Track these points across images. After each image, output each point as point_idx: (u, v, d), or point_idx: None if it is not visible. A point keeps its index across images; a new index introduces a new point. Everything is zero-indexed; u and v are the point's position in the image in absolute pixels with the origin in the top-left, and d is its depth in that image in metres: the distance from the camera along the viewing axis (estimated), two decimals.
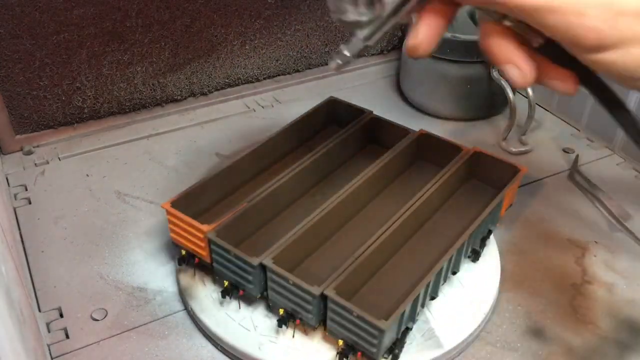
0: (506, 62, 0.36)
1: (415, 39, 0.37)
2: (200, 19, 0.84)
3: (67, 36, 0.76)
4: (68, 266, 0.62)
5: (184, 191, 0.58)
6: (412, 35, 0.37)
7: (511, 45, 0.36)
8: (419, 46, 0.37)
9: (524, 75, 0.36)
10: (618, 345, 0.55)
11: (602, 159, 0.79)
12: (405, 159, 0.67)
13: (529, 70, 0.36)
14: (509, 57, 0.36)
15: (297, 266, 0.55)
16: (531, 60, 0.36)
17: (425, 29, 0.36)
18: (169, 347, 0.54)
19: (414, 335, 0.53)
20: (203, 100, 0.91)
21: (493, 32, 0.36)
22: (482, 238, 0.60)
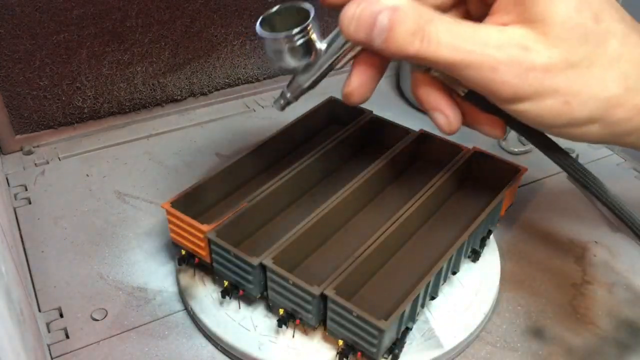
0: (433, 109, 0.39)
1: (348, 87, 0.39)
2: (200, 19, 0.84)
3: (67, 36, 0.77)
4: (68, 266, 0.62)
5: (184, 191, 0.58)
6: (346, 83, 0.39)
7: (438, 94, 0.38)
8: (352, 93, 0.39)
9: (449, 122, 0.39)
10: (618, 345, 0.55)
11: (602, 159, 0.79)
12: (405, 159, 0.67)
13: (454, 117, 0.39)
14: (435, 104, 0.39)
15: (297, 266, 0.55)
16: (457, 108, 0.39)
17: (357, 78, 0.39)
18: (169, 347, 0.54)
19: (414, 335, 0.53)
20: (203, 100, 0.91)
21: (421, 81, 0.38)
22: (482, 238, 0.60)
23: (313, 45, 0.40)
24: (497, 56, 0.33)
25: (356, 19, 0.33)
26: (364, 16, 0.33)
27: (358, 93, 0.39)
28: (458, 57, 0.33)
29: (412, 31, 0.32)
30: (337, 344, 0.50)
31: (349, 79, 0.39)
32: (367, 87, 0.39)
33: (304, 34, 0.39)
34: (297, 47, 0.40)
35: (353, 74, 0.39)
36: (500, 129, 0.41)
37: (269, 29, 0.41)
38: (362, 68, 0.38)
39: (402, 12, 0.32)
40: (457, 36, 0.33)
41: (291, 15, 0.41)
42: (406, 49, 0.33)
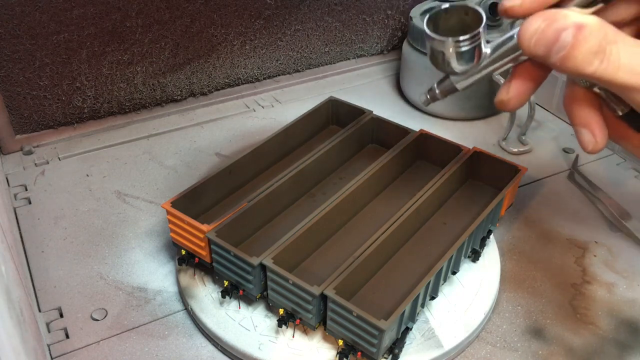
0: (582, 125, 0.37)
1: (506, 95, 0.38)
2: (200, 19, 0.84)
3: (67, 36, 0.77)
4: (68, 266, 0.62)
5: (184, 191, 0.58)
6: (503, 91, 0.38)
7: (592, 112, 0.37)
8: (509, 102, 0.38)
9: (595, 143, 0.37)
10: (618, 345, 0.55)
11: (602, 159, 0.79)
12: (405, 159, 0.67)
13: (601, 139, 0.37)
14: (586, 121, 0.37)
15: (297, 266, 0.55)
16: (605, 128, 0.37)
17: (517, 87, 0.38)
18: (169, 347, 0.54)
19: (414, 335, 0.53)
20: (203, 100, 0.91)
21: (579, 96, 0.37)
22: (482, 238, 0.60)
23: (480, 51, 0.38)
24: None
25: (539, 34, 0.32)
26: (547, 31, 0.32)
27: (515, 102, 0.38)
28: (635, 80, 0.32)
29: (594, 51, 0.31)
30: (337, 344, 0.50)
31: (507, 86, 0.38)
32: (525, 97, 0.38)
33: (474, 40, 0.38)
34: (464, 52, 0.38)
35: (513, 82, 0.38)
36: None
37: (432, 28, 0.39)
38: (522, 78, 0.37)
39: (588, 31, 0.31)
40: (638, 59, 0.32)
41: (457, 16, 0.40)
42: (583, 68, 0.32)
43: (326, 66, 0.99)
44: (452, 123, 0.86)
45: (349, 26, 0.97)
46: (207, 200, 0.61)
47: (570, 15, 0.32)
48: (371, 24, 0.99)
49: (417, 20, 0.85)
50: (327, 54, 0.98)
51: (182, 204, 0.56)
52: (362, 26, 0.98)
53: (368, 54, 1.02)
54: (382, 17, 0.99)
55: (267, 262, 0.50)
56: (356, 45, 1.00)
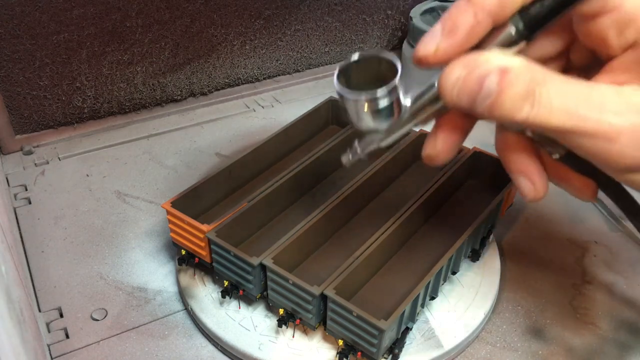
0: (519, 173, 0.35)
1: (433, 150, 0.35)
2: (200, 19, 0.84)
3: (67, 36, 0.77)
4: (68, 266, 0.62)
5: (184, 191, 0.58)
6: (429, 146, 0.35)
7: (528, 158, 0.34)
8: (437, 157, 0.35)
9: (535, 190, 0.34)
10: (618, 345, 0.55)
11: None
12: (406, 159, 0.67)
13: (541, 186, 0.34)
14: (523, 168, 0.35)
15: (297, 266, 0.55)
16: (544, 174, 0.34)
17: (443, 140, 0.35)
18: (169, 347, 0.54)
19: (414, 335, 0.53)
20: (203, 100, 0.91)
21: (511, 143, 0.35)
22: (482, 238, 0.60)
23: (399, 104, 0.35)
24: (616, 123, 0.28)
25: (460, 83, 0.30)
26: (469, 80, 0.29)
27: (444, 156, 0.35)
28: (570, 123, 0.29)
29: (523, 96, 0.28)
30: (337, 344, 0.50)
31: (432, 140, 0.35)
32: (454, 150, 0.35)
33: (390, 94, 0.34)
34: (382, 108, 0.34)
35: (439, 136, 0.35)
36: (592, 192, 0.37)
37: (345, 82, 0.35)
38: (448, 131, 0.35)
39: (513, 75, 0.28)
40: (571, 99, 0.29)
41: (370, 67, 0.36)
42: (513, 116, 0.29)
43: (326, 66, 0.99)
44: None
45: (349, 26, 0.97)
46: (207, 200, 0.61)
47: (492, 59, 0.29)
48: (371, 24, 0.99)
49: (417, 20, 0.85)
50: (327, 54, 0.98)
51: (182, 204, 0.56)
52: (362, 26, 0.98)
53: None
54: (382, 17, 0.99)
55: (267, 262, 0.50)
56: (356, 45, 1.00)
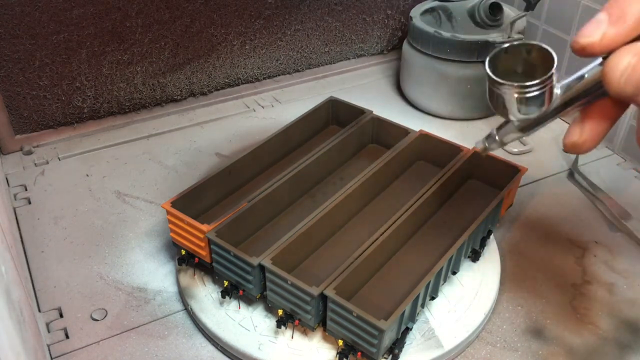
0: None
1: (579, 137, 0.35)
2: (200, 19, 0.84)
3: (67, 36, 0.77)
4: (68, 266, 0.62)
5: (184, 191, 0.58)
6: (575, 133, 0.35)
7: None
8: (583, 145, 0.35)
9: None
10: (618, 345, 0.55)
11: (602, 159, 0.79)
12: (405, 159, 0.67)
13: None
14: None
15: (297, 266, 0.55)
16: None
17: (591, 128, 0.34)
18: (168, 347, 0.54)
19: (414, 335, 0.53)
20: (203, 100, 0.91)
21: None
22: (482, 238, 0.60)
23: (550, 95, 0.33)
24: None
25: (630, 70, 0.30)
26: (639, 68, 0.29)
27: (589, 144, 0.35)
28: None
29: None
30: (337, 344, 0.50)
31: (578, 128, 0.35)
32: (600, 138, 0.35)
33: (544, 85, 0.33)
34: (532, 97, 0.33)
35: (587, 123, 0.34)
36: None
37: (492, 69, 0.34)
38: (598, 119, 0.34)
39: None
40: None
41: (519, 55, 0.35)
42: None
43: (326, 66, 0.99)
44: (452, 123, 0.86)
45: (349, 26, 0.97)
46: (207, 200, 0.61)
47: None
48: (371, 24, 0.99)
49: (417, 20, 0.85)
50: (327, 54, 0.98)
51: (182, 204, 0.56)
52: (362, 26, 0.98)
53: (368, 54, 1.02)
54: (382, 17, 0.99)
55: (265, 262, 0.50)
56: (356, 45, 1.00)
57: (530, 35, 0.88)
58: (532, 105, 0.34)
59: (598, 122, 0.34)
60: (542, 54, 0.34)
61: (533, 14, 0.86)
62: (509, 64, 0.35)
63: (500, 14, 0.83)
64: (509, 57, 0.35)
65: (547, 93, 0.34)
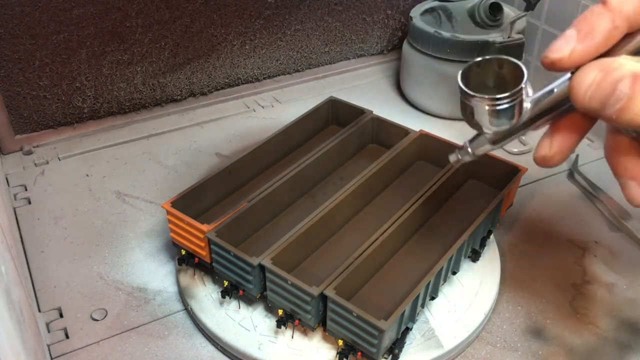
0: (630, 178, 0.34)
1: (549, 151, 0.36)
2: (200, 19, 0.84)
3: (67, 36, 0.77)
4: (68, 266, 0.62)
5: (184, 191, 0.58)
6: (545, 146, 0.36)
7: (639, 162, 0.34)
8: (552, 158, 0.36)
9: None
10: (618, 345, 0.55)
11: (602, 159, 0.79)
12: (405, 159, 0.67)
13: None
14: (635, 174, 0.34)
15: (297, 266, 0.55)
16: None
17: (560, 141, 0.35)
18: (168, 347, 0.54)
19: (414, 335, 0.53)
20: (203, 100, 0.91)
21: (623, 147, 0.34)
22: (482, 238, 0.60)
23: (520, 108, 0.35)
24: None
25: (594, 86, 0.30)
26: (603, 83, 0.30)
27: (559, 158, 0.36)
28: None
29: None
30: (337, 344, 0.50)
31: (548, 142, 0.36)
32: (569, 151, 0.36)
33: (514, 98, 0.34)
34: (503, 110, 0.35)
35: (556, 137, 0.35)
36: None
37: (465, 83, 0.36)
38: (566, 132, 0.35)
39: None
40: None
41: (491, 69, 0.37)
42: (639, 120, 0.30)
43: (326, 66, 0.99)
44: (452, 123, 0.86)
45: (349, 26, 0.97)
46: (207, 200, 0.61)
47: (625, 64, 0.30)
48: (371, 24, 0.99)
49: (417, 20, 0.85)
50: (327, 54, 0.98)
51: (182, 204, 0.56)
52: (362, 26, 0.98)
53: (368, 54, 1.02)
54: (382, 17, 0.99)
55: (265, 262, 0.50)
56: (356, 45, 1.00)
57: (530, 35, 0.88)
58: (502, 117, 0.35)
59: (567, 135, 0.35)
60: (513, 69, 0.35)
61: (533, 14, 0.86)
62: (481, 77, 0.36)
63: (500, 14, 0.83)
64: (481, 71, 0.36)
65: (517, 106, 0.35)
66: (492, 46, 0.79)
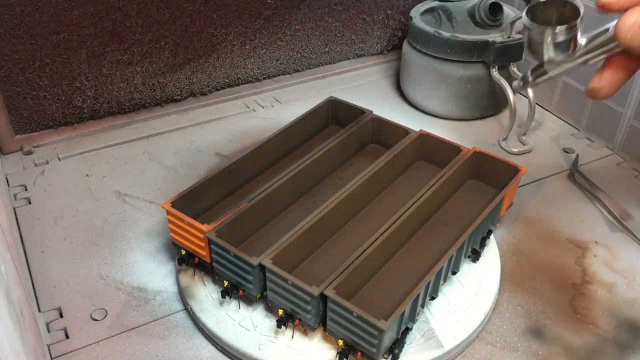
0: None
1: (598, 83, 0.39)
2: (200, 19, 0.84)
3: (67, 36, 0.77)
4: (68, 266, 0.63)
5: (184, 191, 0.58)
6: (595, 80, 0.40)
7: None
8: (600, 90, 0.39)
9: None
10: (618, 345, 0.55)
11: (602, 159, 0.79)
12: (405, 159, 0.67)
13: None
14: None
15: (297, 266, 0.55)
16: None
17: (609, 76, 0.39)
18: (168, 347, 0.54)
19: (414, 335, 0.53)
20: (203, 100, 0.91)
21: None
22: (482, 238, 0.60)
23: (575, 41, 0.40)
24: None
25: (636, 27, 0.34)
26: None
27: (606, 91, 0.39)
28: None
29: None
30: (337, 344, 0.50)
31: (599, 75, 0.39)
32: (616, 87, 0.39)
33: (571, 31, 0.40)
34: (561, 42, 0.40)
35: (606, 72, 0.39)
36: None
37: (531, 18, 0.41)
38: (615, 69, 0.39)
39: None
40: None
41: (555, 7, 0.42)
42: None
43: (326, 66, 0.99)
44: (452, 123, 0.86)
45: (349, 26, 0.97)
46: (207, 200, 0.61)
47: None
48: (371, 24, 0.99)
49: (417, 20, 0.85)
50: (327, 54, 0.98)
51: (182, 204, 0.56)
52: (362, 26, 0.98)
53: (368, 54, 1.02)
54: (382, 17, 0.99)
55: (265, 262, 0.50)
56: (356, 45, 1.00)
57: None
58: (560, 48, 0.41)
59: (615, 71, 0.39)
60: (573, 9, 0.40)
61: None
62: (545, 15, 0.42)
63: (500, 14, 0.83)
64: (546, 10, 0.42)
65: (572, 39, 0.40)
66: (492, 46, 0.79)
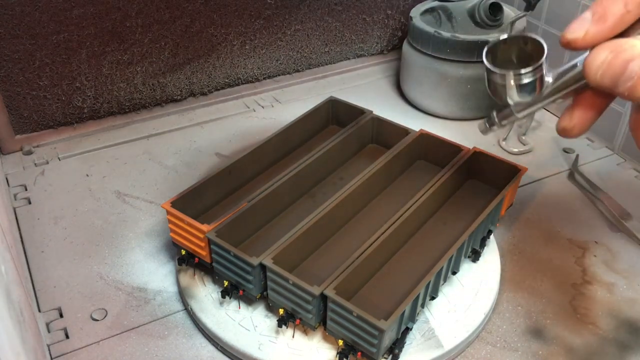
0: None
1: (570, 122, 0.38)
2: (200, 19, 0.84)
3: (67, 36, 0.77)
4: (68, 266, 0.62)
5: (184, 191, 0.58)
6: (565, 118, 0.38)
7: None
8: (572, 130, 0.38)
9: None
10: (618, 345, 0.55)
11: (602, 159, 0.79)
12: (405, 159, 0.67)
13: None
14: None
15: (297, 266, 0.55)
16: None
17: (579, 115, 0.38)
18: (168, 347, 0.54)
19: (414, 335, 0.53)
20: (203, 100, 0.91)
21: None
22: (482, 238, 0.60)
23: (542, 81, 0.38)
24: None
25: (605, 65, 0.33)
26: (614, 63, 0.33)
27: (578, 129, 0.38)
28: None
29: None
30: (337, 344, 0.50)
31: (570, 114, 0.38)
32: (588, 124, 0.38)
33: (536, 72, 0.38)
34: (526, 84, 0.38)
35: (576, 110, 0.38)
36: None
37: (491, 60, 0.39)
38: (585, 107, 0.38)
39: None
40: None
41: (516, 46, 0.40)
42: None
43: (326, 66, 0.99)
44: (452, 123, 0.86)
45: (349, 26, 0.97)
46: (207, 200, 0.61)
47: (637, 45, 0.32)
48: (371, 24, 0.99)
49: (417, 20, 0.85)
50: (327, 54, 0.98)
51: (182, 204, 0.56)
52: (362, 26, 0.98)
53: (368, 54, 1.02)
54: (382, 17, 0.99)
55: (266, 262, 0.50)
56: (356, 45, 1.00)
57: None
58: (525, 90, 0.39)
59: (586, 110, 0.38)
60: (536, 46, 0.38)
61: (533, 14, 0.86)
62: (506, 54, 0.40)
63: (500, 14, 0.83)
64: (507, 49, 0.40)
65: (538, 80, 0.38)
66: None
